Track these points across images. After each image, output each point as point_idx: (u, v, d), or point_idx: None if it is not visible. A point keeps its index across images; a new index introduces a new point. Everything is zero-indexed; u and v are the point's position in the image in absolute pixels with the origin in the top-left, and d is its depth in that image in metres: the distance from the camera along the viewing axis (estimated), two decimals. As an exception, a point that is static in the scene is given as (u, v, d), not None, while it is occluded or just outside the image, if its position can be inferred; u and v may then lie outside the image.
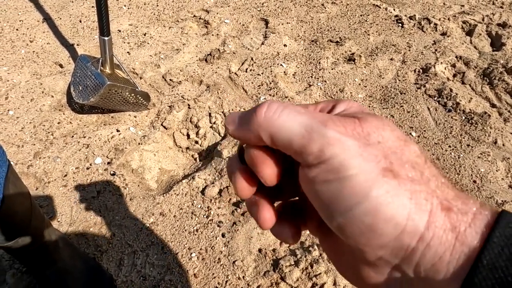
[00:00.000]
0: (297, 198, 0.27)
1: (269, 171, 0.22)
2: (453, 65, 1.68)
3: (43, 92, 1.44)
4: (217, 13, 1.89)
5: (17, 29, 1.69)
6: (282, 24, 1.87)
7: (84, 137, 1.31)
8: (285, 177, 0.26)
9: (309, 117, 0.20)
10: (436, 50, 1.76)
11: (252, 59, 1.66)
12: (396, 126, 0.22)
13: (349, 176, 0.19)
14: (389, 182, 0.18)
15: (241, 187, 0.24)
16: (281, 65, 1.65)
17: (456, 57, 1.72)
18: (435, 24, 1.90)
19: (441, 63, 1.68)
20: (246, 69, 1.62)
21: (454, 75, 1.65)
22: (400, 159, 0.19)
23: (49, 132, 1.31)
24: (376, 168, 0.19)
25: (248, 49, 1.73)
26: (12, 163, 1.19)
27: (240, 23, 1.87)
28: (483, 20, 1.94)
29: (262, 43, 1.75)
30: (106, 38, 1.25)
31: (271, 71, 1.60)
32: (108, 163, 1.24)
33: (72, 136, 1.31)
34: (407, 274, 0.19)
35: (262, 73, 1.60)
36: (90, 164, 1.23)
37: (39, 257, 0.88)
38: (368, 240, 0.19)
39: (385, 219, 0.18)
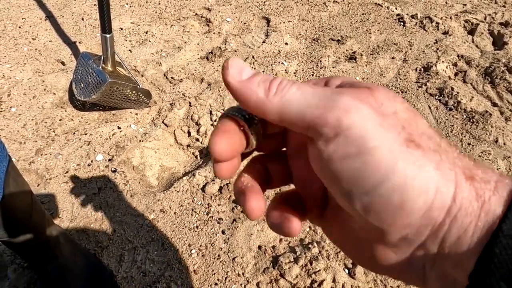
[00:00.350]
0: (291, 186, 0.26)
1: (223, 145, 0.20)
2: (455, 64, 1.68)
3: (45, 89, 1.44)
4: (219, 12, 1.90)
5: (19, 27, 1.70)
6: (284, 22, 1.87)
7: (86, 134, 1.31)
8: (274, 163, 0.25)
9: (321, 88, 0.19)
10: (437, 49, 1.76)
11: (253, 57, 1.66)
12: None
13: (372, 149, 0.17)
14: (414, 153, 0.17)
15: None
16: (282, 63, 1.65)
17: (458, 56, 1.71)
18: (437, 23, 1.90)
19: (443, 62, 1.68)
20: (247, 67, 1.62)
21: (456, 74, 1.65)
22: (417, 130, 0.18)
23: (50, 129, 1.32)
24: (398, 138, 0.17)
25: (250, 47, 1.74)
26: (14, 159, 1.20)
27: (241, 22, 1.87)
28: (485, 19, 1.94)
29: (264, 42, 1.75)
30: (107, 36, 1.26)
31: (272, 70, 1.60)
32: (109, 160, 1.25)
33: (74, 133, 1.31)
34: (430, 251, 0.18)
35: (263, 71, 1.60)
36: (91, 161, 1.24)
37: (40, 252, 0.88)
38: (395, 219, 0.17)
39: (414, 194, 0.17)
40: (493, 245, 0.16)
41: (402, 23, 1.92)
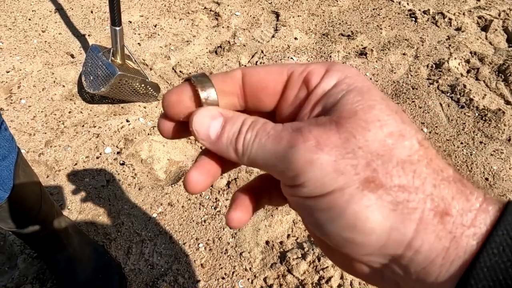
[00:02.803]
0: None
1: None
2: (467, 61, 1.65)
3: (54, 81, 1.45)
4: (228, 5, 1.88)
5: (29, 19, 1.71)
6: (293, 17, 1.85)
7: (95, 126, 1.32)
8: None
9: (277, 143, 0.19)
10: (450, 45, 1.73)
11: (262, 52, 1.65)
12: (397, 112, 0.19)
13: (325, 195, 0.18)
14: (368, 196, 0.17)
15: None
16: (291, 58, 1.63)
17: (471, 52, 1.68)
18: (450, 19, 1.87)
19: (455, 58, 1.65)
20: (256, 62, 1.61)
21: (468, 71, 1.62)
22: (387, 162, 0.17)
23: (60, 121, 1.32)
24: (354, 181, 0.17)
25: (259, 42, 1.72)
26: (23, 151, 1.21)
27: (250, 16, 1.86)
28: (499, 15, 1.90)
29: (273, 36, 1.74)
30: (117, 28, 1.26)
31: (281, 64, 1.59)
32: (118, 153, 1.25)
33: (83, 126, 1.32)
34: (397, 273, 0.18)
35: (272, 66, 1.59)
36: (100, 154, 1.24)
37: (49, 243, 0.89)
38: (352, 250, 0.18)
39: (365, 233, 0.17)
40: (468, 278, 0.16)
41: (413, 19, 1.89)
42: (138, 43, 1.65)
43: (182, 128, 0.22)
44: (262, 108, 0.23)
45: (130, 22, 1.76)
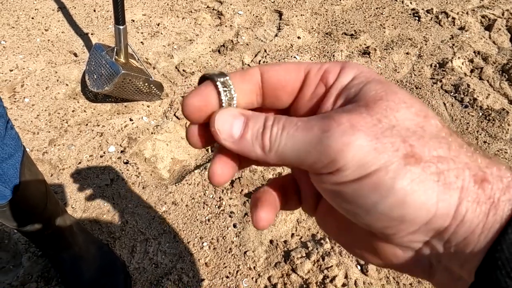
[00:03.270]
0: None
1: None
2: (471, 60, 1.64)
3: (58, 80, 1.45)
4: (231, 4, 1.88)
5: (32, 18, 1.71)
6: (296, 16, 1.85)
7: (98, 125, 1.32)
8: (305, 183, 0.25)
9: (308, 131, 0.19)
10: (453, 44, 1.72)
11: (265, 51, 1.64)
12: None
13: (368, 175, 0.18)
14: (412, 170, 0.17)
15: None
16: (294, 57, 1.63)
17: (474, 52, 1.68)
18: (453, 18, 1.86)
19: (459, 58, 1.64)
20: (259, 61, 1.61)
21: (472, 71, 1.62)
22: (422, 137, 0.18)
23: (63, 120, 1.32)
24: (395, 157, 0.17)
25: (262, 40, 1.72)
26: (27, 149, 1.21)
27: (253, 15, 1.86)
28: (503, 14, 1.89)
29: (276, 35, 1.74)
30: (121, 27, 1.26)
31: (284, 63, 1.59)
32: (122, 151, 1.25)
33: (86, 124, 1.32)
34: (436, 250, 0.19)
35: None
36: (104, 152, 1.24)
37: (54, 241, 0.89)
38: (398, 230, 0.18)
39: (415, 207, 0.17)
40: (500, 242, 0.16)
41: (417, 18, 1.89)
42: (141, 42, 1.65)
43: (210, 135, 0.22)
44: (279, 105, 0.23)
45: (133, 20, 1.76)
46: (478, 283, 0.17)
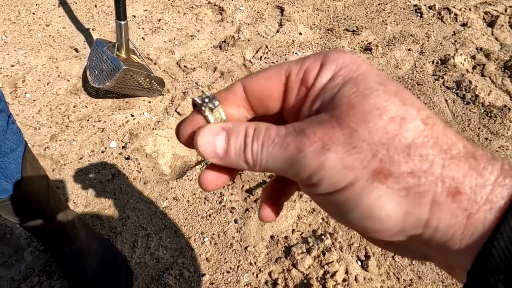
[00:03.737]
0: None
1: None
2: (473, 57, 1.64)
3: (59, 76, 1.45)
4: (232, 0, 1.87)
5: (33, 13, 1.70)
6: (298, 12, 1.84)
7: (99, 121, 1.32)
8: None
9: (284, 150, 0.19)
10: (455, 41, 1.71)
11: (267, 47, 1.64)
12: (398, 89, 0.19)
13: (339, 190, 0.19)
14: (379, 187, 0.18)
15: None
16: (296, 53, 1.63)
17: (477, 48, 1.67)
18: (456, 14, 1.85)
19: (461, 54, 1.64)
20: (261, 57, 1.60)
21: (474, 67, 1.61)
22: (393, 150, 0.18)
23: (65, 116, 1.33)
24: (363, 174, 0.18)
25: (263, 36, 1.72)
26: (29, 145, 1.21)
27: (255, 11, 1.85)
28: (505, 11, 1.88)
29: (277, 31, 1.73)
30: (122, 23, 1.25)
31: (286, 59, 1.58)
32: (123, 147, 1.25)
33: (88, 120, 1.32)
34: (420, 249, 0.19)
35: (276, 61, 1.58)
36: (105, 148, 1.24)
37: (56, 236, 0.89)
38: (374, 235, 0.19)
39: (381, 221, 0.18)
40: (490, 247, 0.16)
41: (419, 14, 1.88)
42: (142, 38, 1.65)
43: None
44: (270, 112, 0.23)
45: (134, 16, 1.75)
46: (471, 285, 0.17)
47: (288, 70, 0.21)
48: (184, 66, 1.55)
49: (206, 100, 0.22)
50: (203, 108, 0.22)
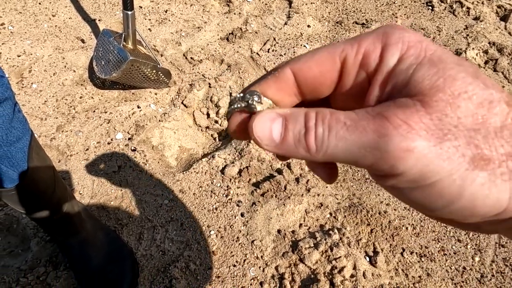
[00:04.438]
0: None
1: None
2: (486, 52, 1.60)
3: (65, 66, 1.44)
4: (240, -8, 1.85)
5: (39, 3, 1.69)
6: (306, 4, 1.81)
7: (106, 112, 1.31)
8: None
9: (360, 133, 0.17)
10: (467, 35, 1.68)
11: (274, 39, 1.62)
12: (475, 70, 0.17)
13: (433, 183, 0.17)
14: (481, 174, 0.16)
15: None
16: (304, 46, 1.60)
17: (489, 43, 1.63)
18: (468, 7, 1.81)
19: (473, 49, 1.60)
20: (268, 49, 1.58)
21: (486, 62, 1.58)
22: (487, 135, 0.17)
23: (71, 106, 1.32)
24: (462, 163, 0.16)
25: (271, 29, 1.69)
26: (35, 135, 1.21)
27: (263, 2, 1.82)
28: (519, 4, 1.84)
29: (285, 23, 1.71)
30: (129, 13, 1.24)
31: (294, 52, 1.56)
32: (129, 139, 1.24)
33: (94, 111, 1.31)
34: (496, 225, 0.18)
35: (284, 54, 1.56)
36: (111, 139, 1.23)
37: (63, 227, 0.89)
38: (467, 221, 0.18)
39: (485, 207, 0.17)
40: None
41: (430, 7, 1.84)
42: (149, 29, 1.63)
43: None
44: (320, 97, 0.22)
45: (141, 7, 1.73)
46: None
47: (343, 54, 0.19)
48: (191, 58, 1.53)
49: (248, 96, 0.20)
50: (251, 103, 0.20)
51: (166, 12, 1.73)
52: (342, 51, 0.19)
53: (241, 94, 0.21)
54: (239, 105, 0.20)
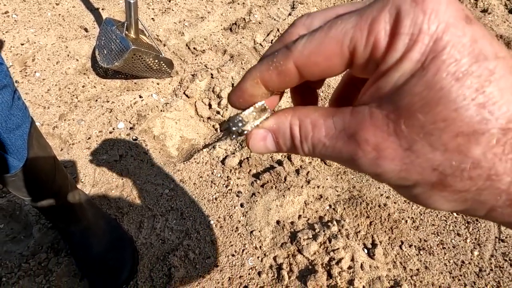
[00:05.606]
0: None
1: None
2: (493, 44, 1.57)
3: (68, 55, 1.44)
4: (244, -19, 1.83)
5: (43, -8, 1.69)
6: (311, -6, 1.79)
7: (108, 101, 1.31)
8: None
9: (337, 154, 0.19)
10: (475, 27, 1.65)
11: (278, 30, 1.60)
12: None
13: (397, 187, 0.19)
14: (438, 194, 0.18)
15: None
16: (308, 37, 1.59)
17: (497, 36, 1.60)
18: (475, 0, 1.78)
19: (480, 41, 1.58)
20: (272, 40, 1.57)
21: (493, 55, 1.55)
22: (456, 166, 0.16)
23: (73, 95, 1.32)
24: (421, 184, 0.18)
25: (275, 19, 1.67)
26: (38, 123, 1.22)
27: (267, -8, 1.80)
28: (529, -3, 1.80)
29: (289, 14, 1.69)
30: (131, 1, 1.23)
31: (297, 43, 1.55)
32: (131, 128, 1.25)
33: (96, 100, 1.31)
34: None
35: (287, 45, 1.54)
36: (113, 129, 1.24)
37: (64, 214, 0.90)
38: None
39: (439, 210, 0.21)
40: None
41: (437, -1, 1.81)
42: (152, 18, 1.63)
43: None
44: (323, 80, 0.23)
45: (144, -4, 1.72)
46: None
47: (352, 44, 0.17)
48: (194, 48, 1.52)
49: (233, 129, 0.22)
50: (239, 133, 0.22)
51: (169, 1, 1.72)
52: (351, 41, 0.17)
53: (227, 125, 0.22)
54: (233, 137, 0.23)
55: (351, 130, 0.18)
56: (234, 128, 0.22)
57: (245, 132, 0.22)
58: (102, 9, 1.64)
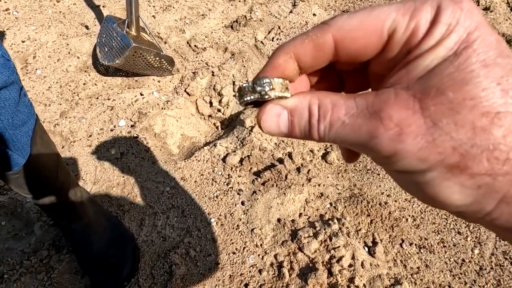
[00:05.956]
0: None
1: None
2: (494, 43, 1.57)
3: (69, 52, 1.44)
4: (245, -21, 1.82)
5: (44, -11, 1.68)
6: (313, -8, 1.78)
7: (109, 99, 1.31)
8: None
9: (355, 133, 0.19)
10: (476, 25, 1.64)
11: (279, 27, 1.60)
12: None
13: (408, 173, 0.19)
14: (451, 179, 0.17)
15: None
16: (309, 35, 1.58)
17: (499, 34, 1.60)
18: (478, -3, 1.77)
19: (481, 40, 1.57)
20: (273, 38, 1.56)
21: (495, 54, 1.55)
22: (477, 146, 0.16)
23: (74, 93, 1.32)
24: (438, 166, 0.18)
25: (276, 17, 1.67)
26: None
27: (268, -10, 1.79)
28: (532, -5, 1.79)
29: (291, 12, 1.68)
30: (132, -2, 1.23)
31: (298, 41, 1.54)
32: (132, 126, 1.25)
33: (97, 98, 1.31)
34: (476, 220, 0.19)
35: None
36: (114, 126, 1.24)
37: (65, 212, 0.90)
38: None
39: (444, 205, 0.19)
40: None
41: (439, -3, 1.80)
42: (153, 16, 1.62)
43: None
44: (352, 64, 0.22)
45: (145, -7, 1.72)
46: None
47: (393, 26, 0.18)
48: (195, 45, 1.52)
49: (259, 88, 0.20)
50: (264, 94, 0.20)
51: (170, -1, 1.71)
52: (392, 23, 0.18)
53: (251, 84, 0.21)
54: (252, 97, 0.21)
55: (374, 108, 0.18)
56: (259, 88, 0.20)
57: (267, 97, 0.20)
58: (103, 7, 1.63)
